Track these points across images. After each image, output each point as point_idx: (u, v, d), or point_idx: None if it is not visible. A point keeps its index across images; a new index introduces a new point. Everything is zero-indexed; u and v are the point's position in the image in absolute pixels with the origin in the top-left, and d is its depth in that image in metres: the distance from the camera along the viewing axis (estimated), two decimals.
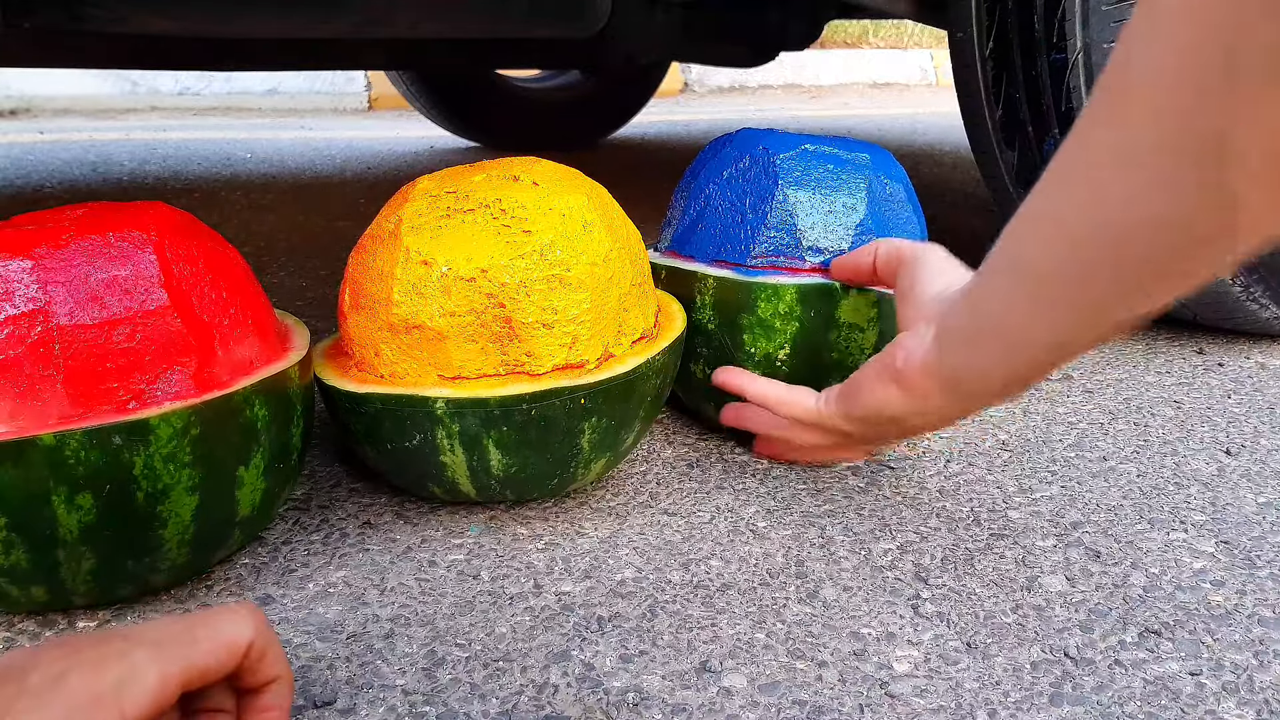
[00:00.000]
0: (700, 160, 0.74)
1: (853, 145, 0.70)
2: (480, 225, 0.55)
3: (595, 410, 0.55)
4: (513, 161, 0.60)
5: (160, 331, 0.47)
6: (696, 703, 0.44)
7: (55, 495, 0.44)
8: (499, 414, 0.54)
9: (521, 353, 0.54)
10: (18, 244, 0.46)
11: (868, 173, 0.68)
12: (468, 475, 0.57)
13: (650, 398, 0.60)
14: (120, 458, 0.45)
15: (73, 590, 0.48)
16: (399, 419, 0.55)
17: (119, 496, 0.45)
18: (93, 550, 0.46)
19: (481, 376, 0.55)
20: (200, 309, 0.49)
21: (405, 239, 0.55)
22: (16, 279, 0.45)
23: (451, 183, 0.58)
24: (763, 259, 0.67)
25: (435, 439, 0.55)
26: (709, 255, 0.69)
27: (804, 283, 0.65)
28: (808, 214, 0.66)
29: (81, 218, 0.49)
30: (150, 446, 0.46)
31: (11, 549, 0.45)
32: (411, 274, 0.54)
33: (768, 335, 0.66)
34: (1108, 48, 0.83)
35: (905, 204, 0.70)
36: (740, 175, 0.69)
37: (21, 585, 0.47)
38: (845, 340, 0.66)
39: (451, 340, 0.54)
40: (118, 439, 0.45)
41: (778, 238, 0.66)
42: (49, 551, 0.45)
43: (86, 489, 0.44)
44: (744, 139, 0.71)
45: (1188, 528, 0.61)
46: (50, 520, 0.44)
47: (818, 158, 0.68)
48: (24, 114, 3.08)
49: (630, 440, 0.60)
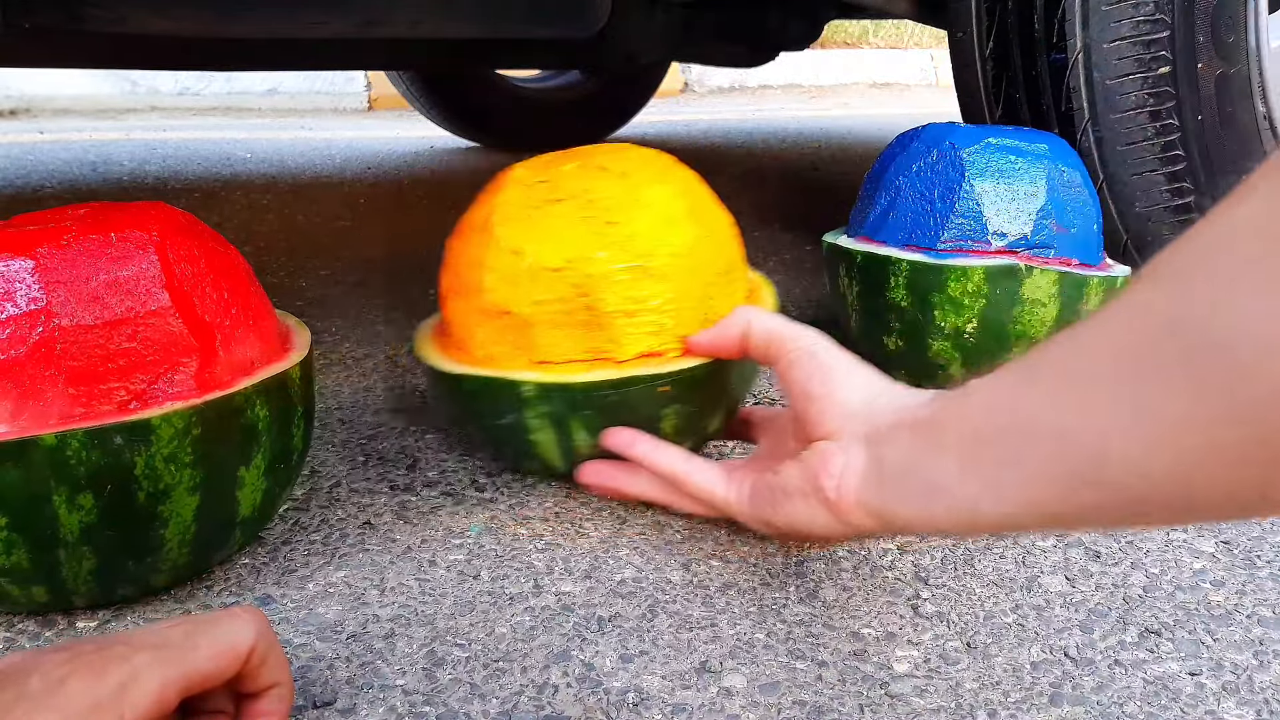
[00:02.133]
0: (888, 154, 0.81)
1: (1033, 136, 0.76)
2: (568, 216, 0.56)
3: (677, 397, 0.57)
4: (603, 150, 0.62)
5: (162, 332, 0.47)
6: (696, 703, 0.44)
7: (56, 495, 0.44)
8: (583, 398, 0.56)
9: (605, 340, 0.56)
10: (19, 244, 0.46)
11: (1046, 162, 0.74)
12: (559, 453, 0.59)
13: (735, 384, 0.61)
14: (121, 458, 0.45)
15: (73, 590, 0.48)
16: (493, 399, 0.58)
17: (120, 497, 0.45)
18: (94, 550, 0.46)
19: (568, 362, 0.57)
20: (202, 309, 0.49)
21: (496, 229, 0.57)
22: (18, 279, 0.45)
23: (543, 172, 0.60)
24: (951, 243, 0.74)
25: (525, 419, 0.57)
26: (900, 240, 0.77)
27: (990, 264, 0.72)
28: (992, 201, 0.73)
29: (83, 218, 0.49)
30: (152, 447, 0.45)
31: (13, 549, 0.45)
32: (502, 263, 0.56)
33: (957, 311, 0.73)
34: (1108, 48, 0.83)
35: (1082, 188, 0.76)
36: (929, 169, 0.76)
37: (22, 585, 0.47)
38: (1028, 315, 0.73)
39: (539, 327, 0.56)
40: (119, 439, 0.45)
41: (965, 224, 0.74)
42: (50, 552, 0.45)
43: (88, 489, 0.44)
44: (931, 135, 0.78)
45: (1188, 528, 0.61)
46: (51, 520, 0.44)
47: (1000, 149, 0.75)
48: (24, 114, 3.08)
49: (714, 425, 0.62)
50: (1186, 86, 0.82)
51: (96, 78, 3.22)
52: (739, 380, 0.61)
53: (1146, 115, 0.83)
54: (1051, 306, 0.73)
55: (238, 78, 3.35)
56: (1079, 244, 0.75)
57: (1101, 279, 0.74)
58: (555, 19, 1.13)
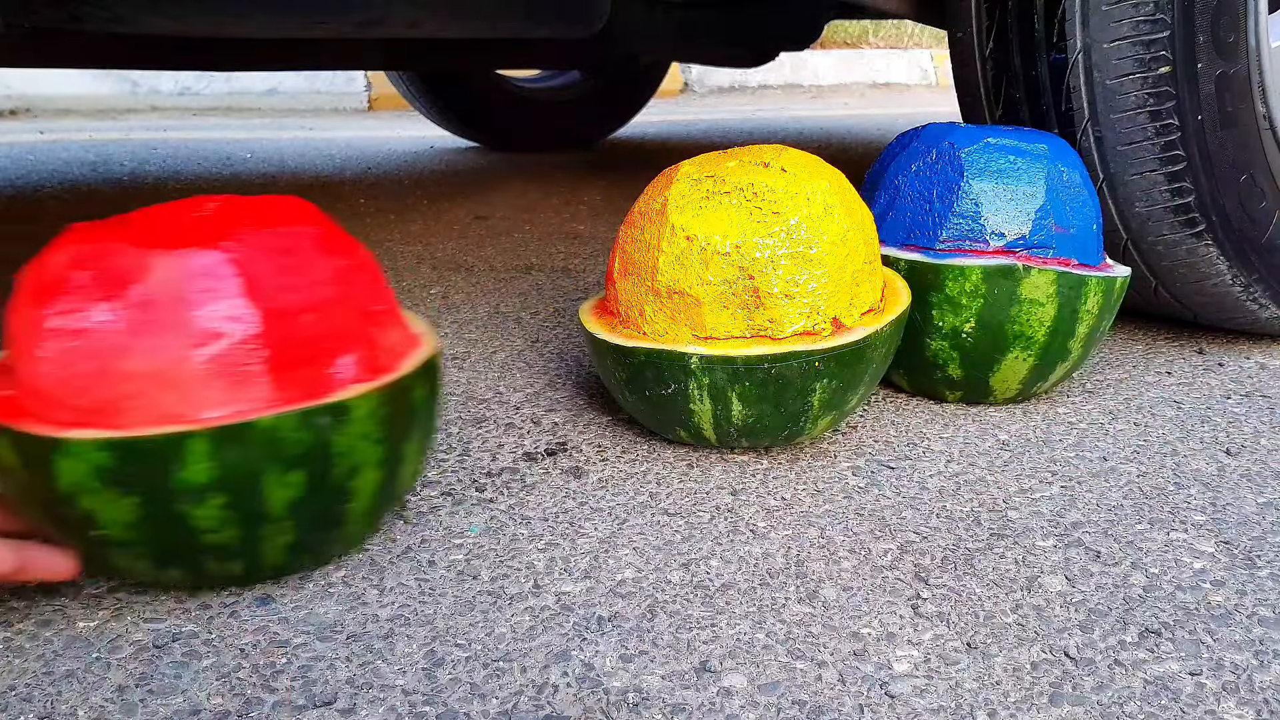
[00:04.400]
0: (888, 154, 0.82)
1: (1033, 136, 0.77)
2: (736, 206, 0.63)
3: (827, 373, 0.63)
4: (762, 149, 0.68)
5: (338, 320, 0.50)
6: (696, 703, 0.44)
7: (270, 473, 0.47)
8: (743, 371, 0.62)
9: (765, 319, 0.63)
10: (200, 237, 0.47)
11: (1046, 162, 0.75)
12: (711, 423, 0.66)
13: (875, 364, 0.66)
14: (325, 437, 0.48)
15: (266, 564, 0.51)
16: (658, 370, 0.64)
17: (321, 473, 0.49)
18: (295, 525, 0.50)
19: (730, 338, 0.63)
20: (363, 298, 0.52)
21: (671, 217, 0.64)
22: (220, 273, 0.47)
23: (710, 168, 0.66)
24: (949, 243, 0.75)
25: (687, 389, 0.64)
26: (899, 240, 0.77)
27: (988, 264, 0.72)
28: (991, 201, 0.74)
29: (229, 210, 0.51)
30: (348, 426, 0.49)
31: (225, 526, 0.48)
32: (676, 247, 0.63)
33: (955, 311, 0.74)
34: (1108, 48, 0.83)
35: (1081, 188, 0.76)
36: (928, 168, 0.77)
37: (222, 560, 0.50)
38: (1026, 315, 0.73)
39: (707, 305, 0.63)
40: (324, 419, 0.48)
41: (963, 224, 0.74)
42: (256, 527, 0.48)
43: (297, 467, 0.48)
44: (930, 135, 0.79)
45: (1188, 528, 0.61)
46: (262, 497, 0.47)
47: (999, 149, 0.75)
48: (24, 114, 3.08)
49: (854, 402, 0.67)
50: (1186, 86, 0.82)
51: (96, 78, 3.22)
52: (880, 362, 0.67)
53: (1146, 115, 0.83)
54: (1050, 306, 0.73)
55: (238, 78, 3.35)
56: (1078, 244, 0.75)
57: (1100, 279, 0.74)
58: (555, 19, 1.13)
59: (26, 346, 0.47)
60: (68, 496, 0.45)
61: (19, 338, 0.47)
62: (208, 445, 0.45)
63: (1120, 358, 0.93)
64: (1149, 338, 0.99)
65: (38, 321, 0.46)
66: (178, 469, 0.45)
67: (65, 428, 0.45)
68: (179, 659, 0.47)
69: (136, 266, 0.46)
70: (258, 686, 0.45)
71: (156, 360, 0.45)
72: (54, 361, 0.46)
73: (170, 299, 0.46)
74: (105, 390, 0.45)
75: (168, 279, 0.46)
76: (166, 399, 0.45)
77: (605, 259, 1.29)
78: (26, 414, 0.47)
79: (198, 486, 0.46)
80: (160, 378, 0.45)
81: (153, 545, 0.48)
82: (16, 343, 0.48)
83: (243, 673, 0.46)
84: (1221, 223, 0.85)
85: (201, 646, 0.48)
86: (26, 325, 0.47)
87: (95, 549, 0.48)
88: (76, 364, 0.45)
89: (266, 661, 0.47)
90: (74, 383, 0.45)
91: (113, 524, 0.46)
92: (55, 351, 0.45)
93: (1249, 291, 0.88)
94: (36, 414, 0.46)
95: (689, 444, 0.71)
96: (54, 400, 0.46)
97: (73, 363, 0.45)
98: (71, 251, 0.47)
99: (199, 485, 0.46)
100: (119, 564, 0.49)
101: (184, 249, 0.47)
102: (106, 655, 0.47)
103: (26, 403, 0.47)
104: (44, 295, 0.46)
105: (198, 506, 0.46)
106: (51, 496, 0.46)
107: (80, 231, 0.49)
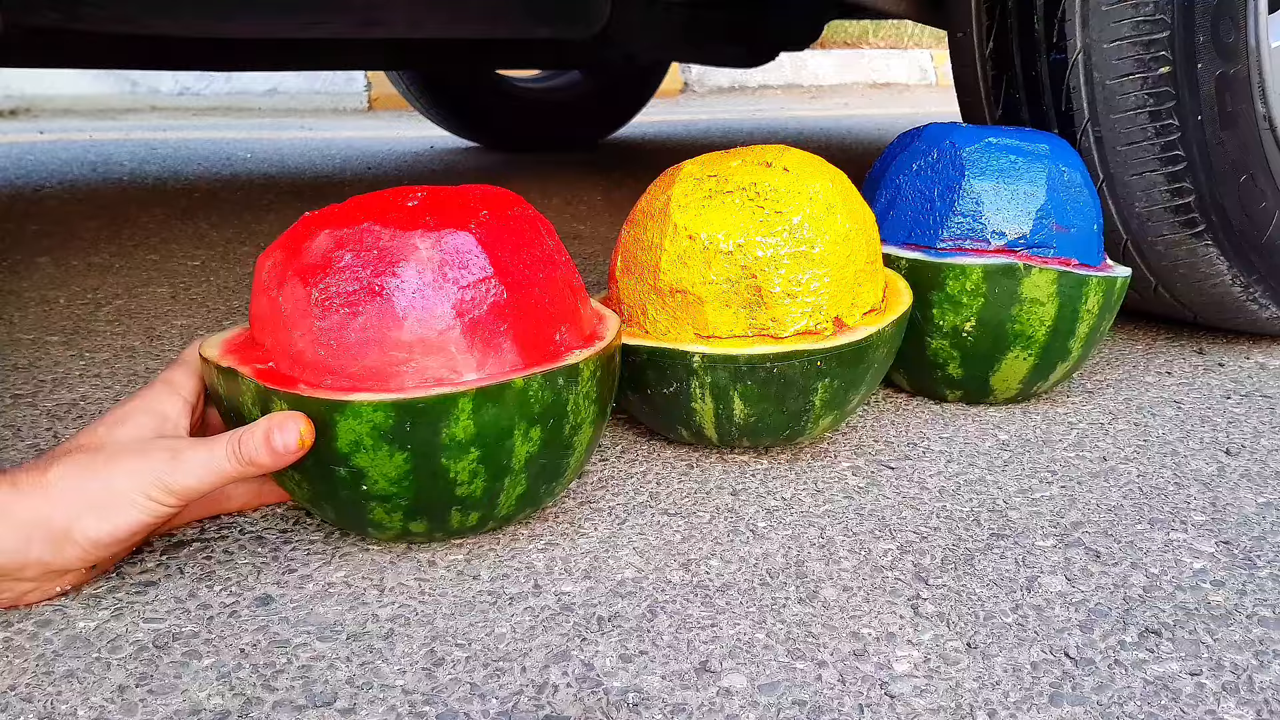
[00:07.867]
0: (889, 153, 0.82)
1: (1033, 136, 0.77)
2: (739, 205, 0.63)
3: (828, 372, 0.63)
4: (764, 149, 0.68)
5: (558, 293, 0.55)
6: (696, 703, 0.44)
7: (517, 429, 0.52)
8: (746, 370, 0.62)
9: (768, 318, 0.63)
10: (445, 219, 0.52)
11: (1046, 161, 0.75)
12: (713, 422, 0.65)
13: (877, 364, 0.67)
14: (561, 396, 0.53)
15: (501, 515, 0.56)
16: (660, 368, 0.64)
17: (556, 429, 0.53)
18: (528, 477, 0.54)
19: (732, 337, 0.63)
20: (569, 275, 0.57)
21: (674, 216, 0.64)
22: (469, 250, 0.51)
23: (712, 167, 0.66)
24: (950, 242, 0.75)
25: (690, 388, 0.64)
26: (900, 239, 0.78)
27: (989, 263, 0.72)
28: (992, 201, 0.74)
29: (443, 197, 0.54)
30: (579, 386, 0.54)
31: (475, 478, 0.52)
32: (678, 246, 0.63)
33: (955, 310, 0.74)
34: (1108, 48, 0.83)
35: (1082, 188, 0.76)
36: (929, 168, 0.77)
37: (466, 511, 0.54)
38: (1027, 314, 0.73)
39: (709, 304, 0.63)
40: (561, 380, 0.53)
41: (964, 223, 0.74)
42: (499, 480, 0.53)
43: (538, 424, 0.52)
44: (932, 134, 0.79)
45: (1188, 528, 0.61)
46: (509, 451, 0.52)
47: (1000, 149, 0.75)
48: (24, 114, 3.08)
49: (856, 401, 0.67)
50: (1186, 86, 0.82)
51: (96, 78, 3.22)
52: (881, 362, 0.67)
53: (1146, 115, 0.83)
54: (1050, 306, 0.73)
55: (238, 78, 3.35)
56: (1078, 243, 0.75)
57: (1101, 279, 0.74)
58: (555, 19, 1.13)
59: (290, 321, 0.51)
60: (344, 455, 0.50)
61: (276, 314, 0.52)
62: (471, 404, 0.50)
63: (1120, 358, 0.93)
64: (1149, 338, 0.99)
65: (305, 299, 0.51)
66: (447, 426, 0.50)
67: (343, 392, 0.49)
68: (179, 659, 0.47)
69: (400, 247, 0.51)
70: (258, 686, 0.45)
71: (425, 329, 0.50)
72: (328, 333, 0.50)
73: (434, 275, 0.51)
74: (378, 357, 0.50)
75: (430, 257, 0.51)
76: (432, 364, 0.50)
77: (606, 259, 1.29)
78: (294, 381, 0.51)
79: (462, 442, 0.50)
80: (427, 345, 0.50)
81: (412, 497, 0.52)
82: (273, 319, 0.52)
83: (243, 672, 0.46)
84: (1221, 223, 0.85)
85: (201, 646, 0.48)
86: (291, 302, 0.51)
87: (354, 504, 0.52)
88: (351, 334, 0.50)
89: (267, 661, 0.47)
90: (349, 351, 0.50)
91: (381, 478, 0.51)
92: (331, 325, 0.50)
93: (1249, 291, 0.88)
94: (307, 381, 0.51)
95: (689, 444, 0.71)
96: (326, 368, 0.50)
97: (348, 334, 0.50)
98: (331, 235, 0.51)
99: (463, 441, 0.50)
100: (374, 517, 0.53)
101: (440, 230, 0.52)
102: (106, 655, 0.47)
103: (292, 372, 0.51)
104: (310, 274, 0.51)
105: (458, 461, 0.51)
106: (324, 455, 0.50)
107: (318, 219, 0.53)
